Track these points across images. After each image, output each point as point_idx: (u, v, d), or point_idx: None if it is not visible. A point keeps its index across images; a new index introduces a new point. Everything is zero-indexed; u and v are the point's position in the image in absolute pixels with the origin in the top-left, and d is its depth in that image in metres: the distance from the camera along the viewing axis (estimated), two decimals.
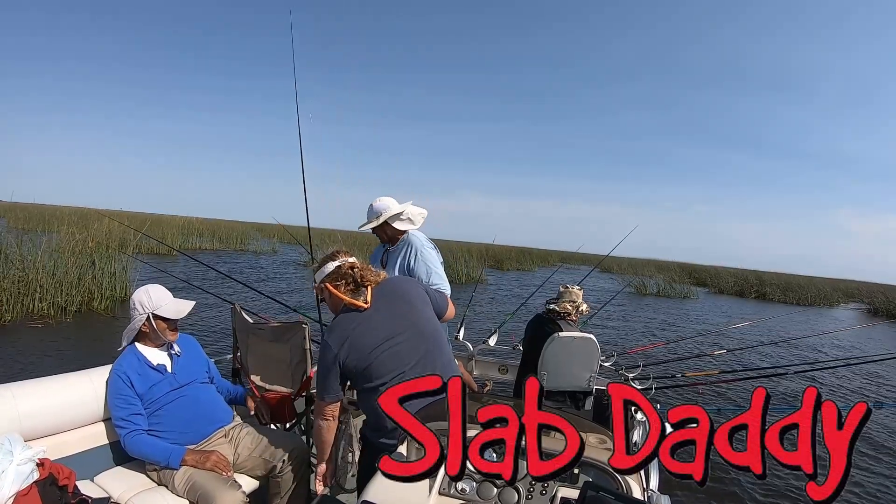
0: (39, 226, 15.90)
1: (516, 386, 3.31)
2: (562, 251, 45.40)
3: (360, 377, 1.73)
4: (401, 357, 1.72)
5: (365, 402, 1.78)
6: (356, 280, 1.82)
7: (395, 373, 1.69)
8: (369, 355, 1.71)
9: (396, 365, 1.70)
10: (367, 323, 1.75)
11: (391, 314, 1.78)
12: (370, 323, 1.76)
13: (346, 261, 1.88)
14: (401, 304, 1.83)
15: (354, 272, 1.83)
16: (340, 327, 1.77)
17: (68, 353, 5.99)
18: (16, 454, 1.55)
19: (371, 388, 1.71)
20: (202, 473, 1.88)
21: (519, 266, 28.42)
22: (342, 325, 1.77)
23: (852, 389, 7.80)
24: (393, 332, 1.74)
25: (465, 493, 1.30)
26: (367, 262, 1.98)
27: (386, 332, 1.74)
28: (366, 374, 1.71)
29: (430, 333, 1.82)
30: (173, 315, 2.07)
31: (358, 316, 1.77)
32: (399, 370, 1.70)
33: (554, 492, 1.29)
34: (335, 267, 1.85)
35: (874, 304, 24.85)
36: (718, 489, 3.89)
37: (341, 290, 1.81)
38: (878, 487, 4.24)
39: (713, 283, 29.46)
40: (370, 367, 1.70)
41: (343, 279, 1.83)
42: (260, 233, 28.46)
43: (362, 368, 1.71)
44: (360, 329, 1.74)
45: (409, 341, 1.75)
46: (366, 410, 1.82)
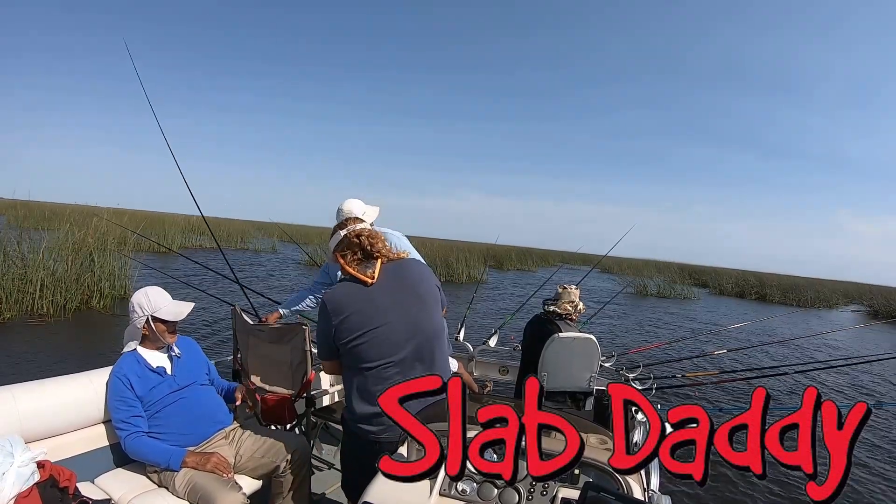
0: (40, 223, 15.88)
1: (517, 386, 3.31)
2: (562, 251, 45.42)
3: (345, 353, 1.66)
4: (391, 346, 1.62)
5: (347, 380, 1.73)
6: (364, 249, 1.71)
7: (381, 360, 1.61)
8: (360, 335, 1.61)
9: (384, 353, 1.61)
10: (367, 301, 1.64)
11: (394, 300, 1.66)
12: (370, 302, 1.64)
13: (353, 228, 1.77)
14: (409, 292, 1.70)
15: (361, 240, 1.71)
16: (339, 295, 1.67)
17: (67, 351, 6.00)
18: (16, 456, 1.55)
19: (353, 368, 1.66)
20: (202, 475, 1.88)
21: (519, 266, 28.43)
22: (340, 293, 1.67)
23: (852, 389, 7.80)
24: (389, 319, 1.63)
25: (466, 494, 1.30)
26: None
27: (382, 316, 1.63)
28: (352, 352, 1.63)
29: (432, 332, 1.70)
30: (172, 317, 2.06)
31: (359, 290, 1.65)
32: (385, 359, 1.61)
33: (554, 492, 1.29)
34: (343, 235, 1.76)
35: (874, 306, 24.87)
36: (719, 489, 3.90)
37: (348, 259, 1.71)
38: (877, 487, 4.24)
39: (714, 284, 29.49)
40: (358, 347, 1.62)
41: (350, 249, 1.72)
42: (260, 231, 28.47)
43: (349, 344, 1.63)
44: (358, 305, 1.63)
45: (403, 333, 1.64)
46: (346, 387, 1.74)
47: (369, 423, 1.62)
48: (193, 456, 1.94)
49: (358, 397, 1.66)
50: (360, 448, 1.67)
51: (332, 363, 1.77)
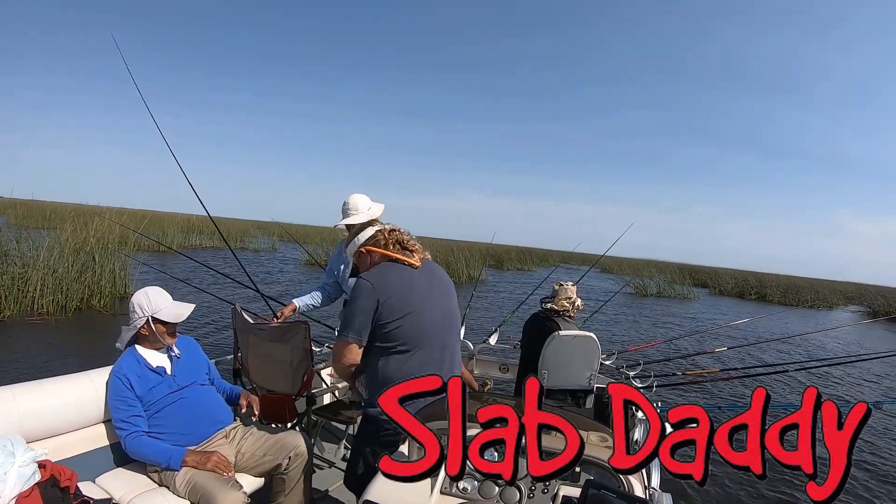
0: (41, 223, 15.88)
1: (517, 385, 3.31)
2: (561, 251, 45.41)
3: (382, 335, 1.66)
4: (426, 332, 1.67)
5: (372, 364, 1.71)
6: (400, 243, 1.78)
7: (415, 345, 1.64)
8: (403, 317, 1.64)
9: (420, 338, 1.65)
10: (413, 282, 1.70)
11: (431, 289, 1.74)
12: (415, 283, 1.70)
13: (384, 226, 1.85)
14: (442, 285, 1.80)
15: (396, 235, 1.80)
16: (388, 273, 1.69)
17: (67, 350, 5.99)
18: (17, 456, 1.55)
19: (384, 351, 1.65)
20: (203, 474, 1.88)
21: (519, 266, 28.42)
22: (390, 272, 1.70)
23: (852, 388, 7.81)
24: (427, 306, 1.69)
25: (467, 493, 1.31)
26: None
27: (421, 301, 1.68)
28: (390, 334, 1.64)
29: (457, 325, 1.82)
30: (172, 319, 2.05)
31: (406, 270, 1.71)
32: (419, 344, 1.65)
33: (556, 490, 1.29)
34: (375, 231, 1.82)
35: (873, 306, 24.87)
36: (719, 488, 3.90)
37: (390, 248, 1.76)
38: (877, 486, 4.24)
39: (713, 284, 29.48)
40: (398, 328, 1.64)
41: (389, 239, 1.79)
42: (260, 231, 28.46)
43: (390, 325, 1.64)
44: (403, 287, 1.67)
45: (438, 321, 1.71)
46: (370, 372, 1.73)
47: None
48: (194, 455, 1.94)
49: (384, 376, 1.65)
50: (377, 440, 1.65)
51: (353, 347, 1.69)
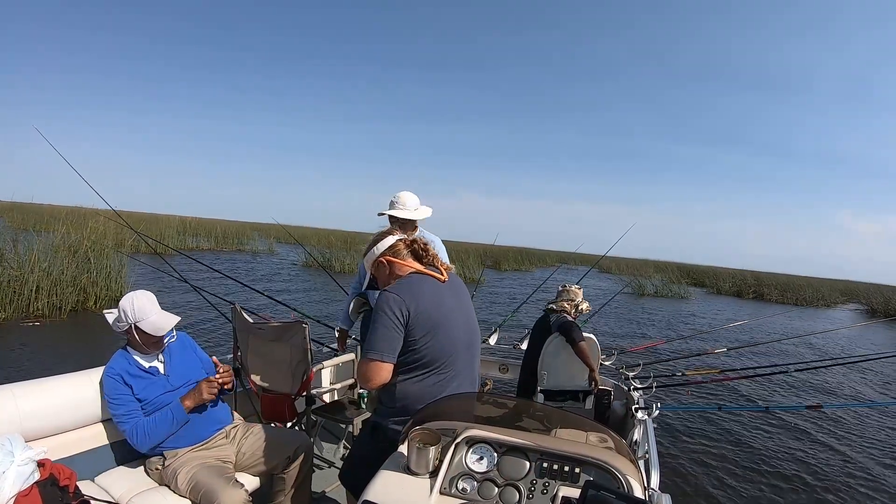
0: (38, 225, 15.85)
1: (519, 385, 3.31)
2: (561, 251, 45.46)
3: (410, 347, 1.56)
4: (452, 346, 1.61)
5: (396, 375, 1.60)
6: (419, 255, 1.72)
7: (441, 361, 1.58)
8: (433, 332, 1.56)
9: (446, 352, 1.59)
10: (440, 295, 1.62)
11: (457, 303, 1.68)
12: (442, 297, 1.63)
13: (404, 236, 1.76)
14: (465, 300, 1.74)
15: (416, 246, 1.73)
16: (417, 286, 1.60)
17: (63, 352, 5.98)
18: (16, 455, 1.54)
19: (410, 364, 1.57)
20: (205, 473, 1.88)
21: (517, 267, 28.42)
22: (417, 285, 1.60)
23: (851, 387, 7.82)
24: (455, 319, 1.63)
25: (467, 493, 1.30)
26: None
27: (447, 315, 1.61)
28: (418, 348, 1.56)
29: (477, 343, 1.75)
30: (152, 331, 1.97)
31: (433, 283, 1.64)
32: (444, 359, 1.59)
33: (555, 491, 1.29)
34: (396, 240, 1.73)
35: (872, 305, 24.93)
36: (719, 489, 3.90)
37: (409, 260, 1.70)
38: (876, 486, 4.25)
39: (711, 283, 29.52)
40: (426, 345, 1.56)
41: (408, 250, 1.72)
42: (258, 232, 28.41)
43: (419, 340, 1.55)
44: (435, 299, 1.60)
45: (463, 336, 1.65)
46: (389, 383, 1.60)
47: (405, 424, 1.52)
48: (188, 398, 1.99)
49: (407, 394, 1.59)
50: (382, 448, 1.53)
51: (385, 368, 1.55)
